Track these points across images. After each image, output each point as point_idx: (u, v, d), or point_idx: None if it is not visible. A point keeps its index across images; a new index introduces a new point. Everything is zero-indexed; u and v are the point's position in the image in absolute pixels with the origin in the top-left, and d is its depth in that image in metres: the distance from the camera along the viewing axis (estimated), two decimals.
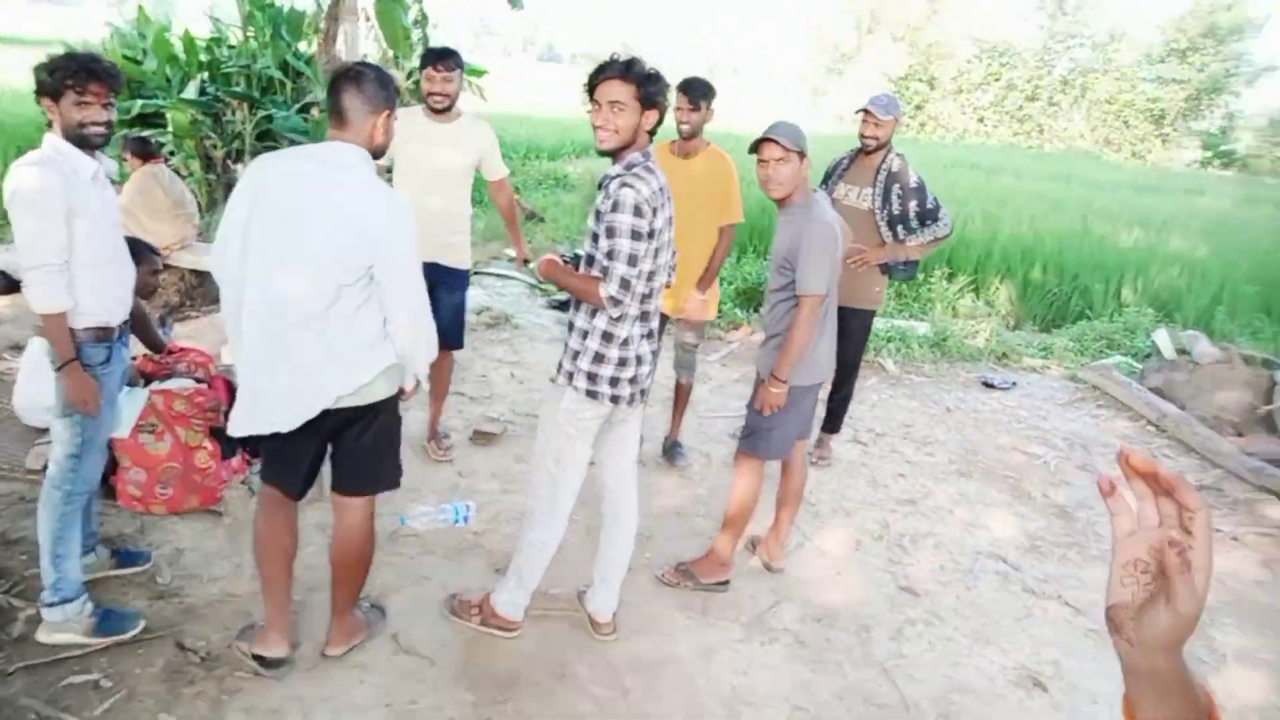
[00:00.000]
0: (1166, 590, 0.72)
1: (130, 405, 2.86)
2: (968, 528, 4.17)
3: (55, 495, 2.72)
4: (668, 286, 2.91)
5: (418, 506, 3.79)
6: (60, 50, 2.58)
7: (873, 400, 5.80)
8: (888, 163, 4.25)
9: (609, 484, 3.05)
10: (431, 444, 4.39)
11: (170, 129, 8.73)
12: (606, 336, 2.70)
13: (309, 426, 2.48)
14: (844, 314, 4.39)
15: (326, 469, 2.76)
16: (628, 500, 3.05)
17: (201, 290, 6.79)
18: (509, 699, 2.77)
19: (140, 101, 8.91)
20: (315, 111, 9.27)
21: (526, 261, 4.32)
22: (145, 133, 8.69)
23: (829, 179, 4.46)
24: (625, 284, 2.56)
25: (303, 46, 9.95)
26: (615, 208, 2.53)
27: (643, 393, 2.85)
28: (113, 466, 2.97)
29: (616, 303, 2.59)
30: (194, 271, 6.69)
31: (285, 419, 2.46)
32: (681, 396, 4.50)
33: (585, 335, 2.73)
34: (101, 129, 2.61)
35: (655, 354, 2.86)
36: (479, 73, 10.74)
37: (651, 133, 2.64)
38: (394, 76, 2.50)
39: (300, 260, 2.35)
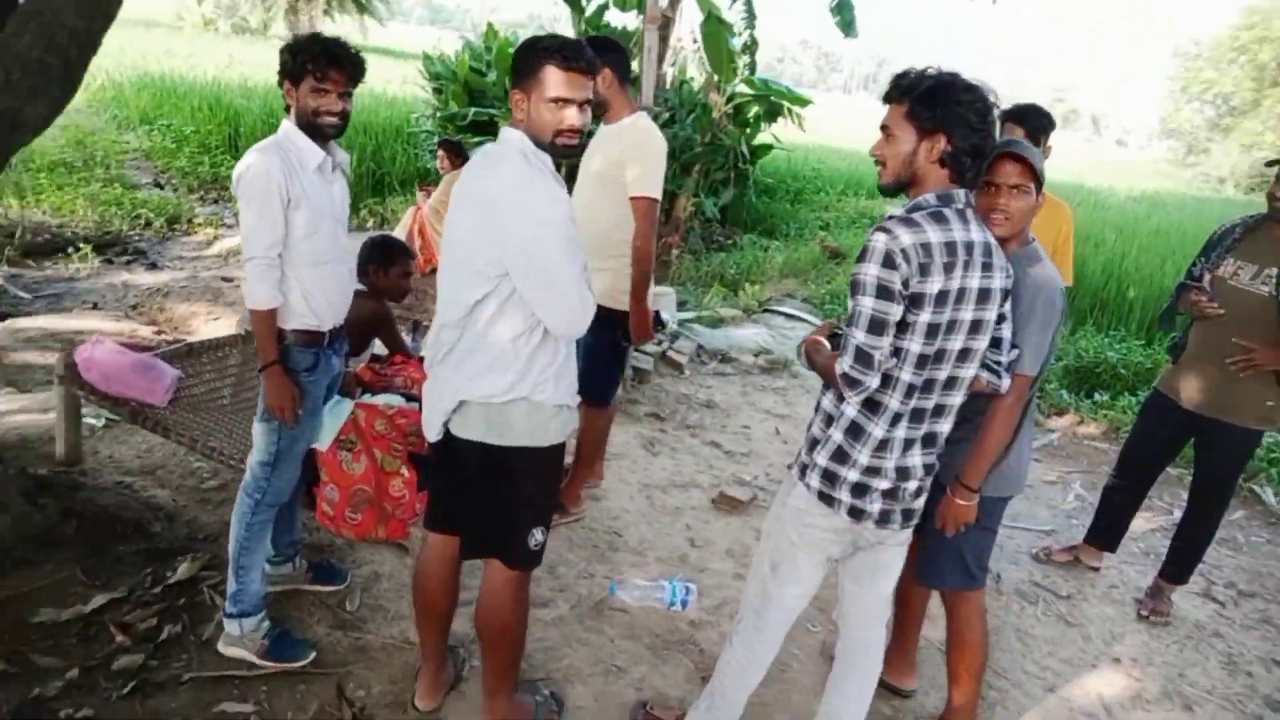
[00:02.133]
0: None
1: (334, 417, 2.65)
2: None
3: (245, 503, 2.55)
4: (990, 389, 2.15)
5: (634, 577, 3.30)
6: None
7: (1238, 542, 4.44)
8: None
9: (848, 618, 2.34)
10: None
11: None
12: (854, 431, 2.03)
13: (446, 455, 2.25)
14: (1217, 428, 3.31)
15: None
16: (870, 647, 2.32)
17: None
18: None
19: (474, 109, 9.44)
20: None
21: (628, 340, 3.44)
22: (476, 137, 9.19)
23: (1211, 250, 3.36)
24: (865, 358, 1.91)
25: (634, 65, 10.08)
26: (861, 257, 1.91)
27: (906, 514, 2.12)
28: (316, 477, 2.77)
29: (852, 383, 1.93)
30: None
31: (428, 426, 2.25)
32: None
33: (829, 422, 2.08)
34: (335, 119, 2.40)
35: (931, 466, 2.12)
36: (803, 102, 10.24)
37: (963, 171, 1.94)
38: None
39: (449, 264, 2.16)
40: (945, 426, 2.11)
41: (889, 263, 1.86)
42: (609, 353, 3.49)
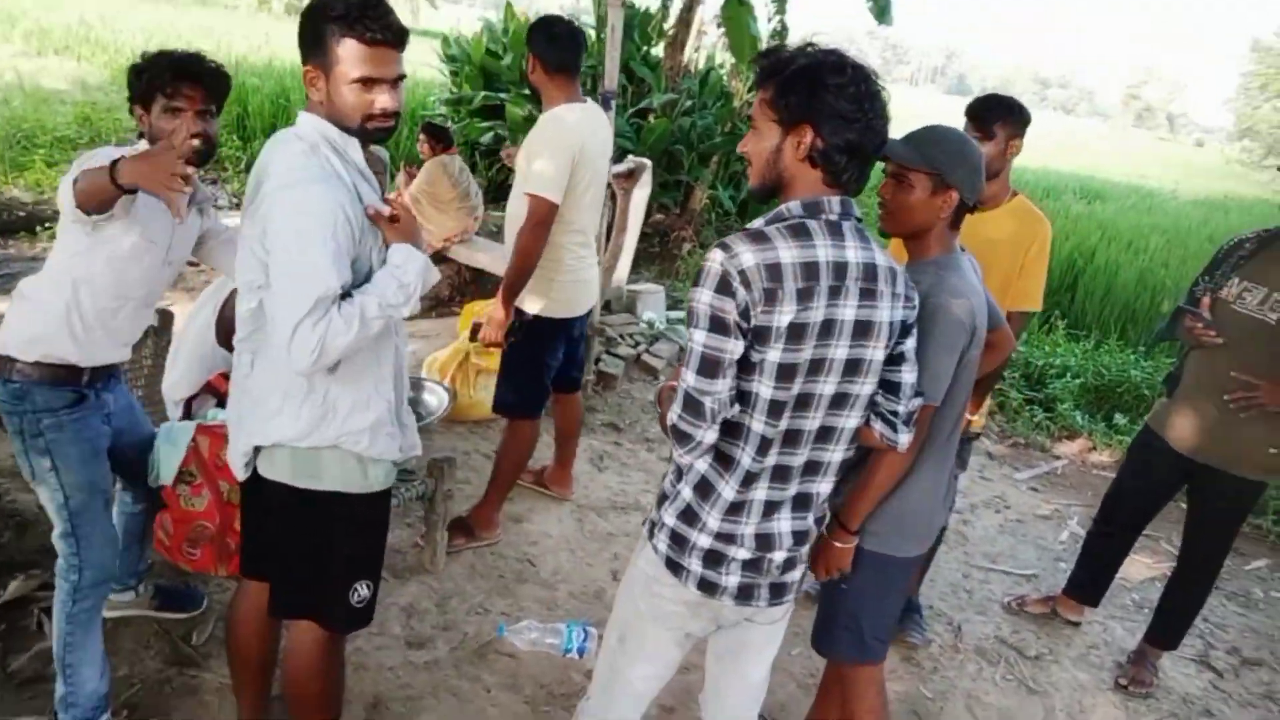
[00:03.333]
0: None
1: (172, 446, 2.35)
2: None
3: (62, 589, 2.14)
4: (885, 443, 1.75)
5: (535, 615, 2.95)
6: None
7: (1252, 598, 3.92)
8: None
9: (707, 706, 1.99)
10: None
11: (507, 121, 8.83)
12: (703, 489, 1.66)
13: (255, 493, 1.93)
14: (1212, 477, 2.85)
15: None
16: None
17: (474, 287, 6.59)
18: None
19: (484, 93, 9.13)
20: (651, 118, 8.93)
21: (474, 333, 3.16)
22: (485, 122, 8.87)
23: (1216, 268, 2.89)
24: (694, 406, 1.54)
25: (656, 51, 9.75)
26: (696, 280, 1.54)
27: (776, 589, 1.74)
28: (161, 503, 2.47)
29: (681, 437, 1.58)
30: (469, 267, 6.48)
31: (232, 463, 1.94)
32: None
33: (680, 475, 1.72)
34: (194, 143, 2.00)
35: (804, 534, 1.73)
36: None
37: (838, 172, 1.55)
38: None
39: (238, 267, 1.83)
40: (824, 486, 1.73)
41: (723, 288, 1.49)
42: (523, 359, 3.16)
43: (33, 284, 2.08)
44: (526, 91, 8.85)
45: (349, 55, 1.68)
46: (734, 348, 1.51)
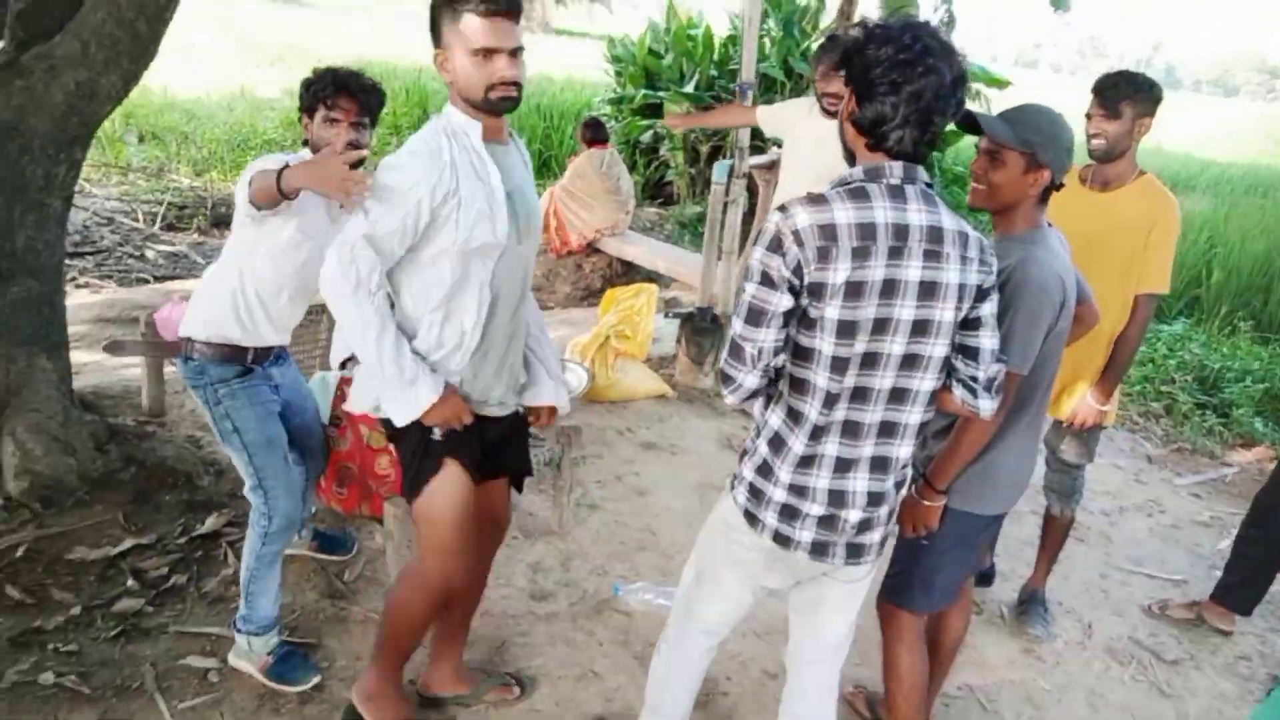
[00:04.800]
0: None
1: (323, 391, 2.66)
2: None
3: (254, 533, 2.44)
4: (966, 410, 1.78)
5: (650, 579, 3.12)
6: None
7: None
8: None
9: (790, 658, 2.07)
10: None
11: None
12: (776, 443, 1.76)
13: None
14: None
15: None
16: (807, 694, 2.03)
17: (625, 279, 6.82)
18: None
19: (644, 92, 9.40)
20: None
21: None
22: (645, 121, 9.14)
23: None
24: (736, 350, 1.66)
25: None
26: (755, 240, 1.65)
27: (852, 549, 1.81)
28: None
29: (725, 379, 1.70)
30: (621, 259, 6.73)
31: None
32: (1053, 532, 3.10)
33: (759, 432, 1.82)
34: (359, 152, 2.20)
35: (881, 496, 1.79)
36: (999, 84, 9.34)
37: (879, 138, 1.61)
38: None
39: None
40: (903, 450, 1.78)
41: (775, 245, 1.61)
42: None
43: (211, 272, 2.43)
44: (687, 90, 9.08)
45: (468, 29, 1.84)
46: (779, 300, 1.60)
